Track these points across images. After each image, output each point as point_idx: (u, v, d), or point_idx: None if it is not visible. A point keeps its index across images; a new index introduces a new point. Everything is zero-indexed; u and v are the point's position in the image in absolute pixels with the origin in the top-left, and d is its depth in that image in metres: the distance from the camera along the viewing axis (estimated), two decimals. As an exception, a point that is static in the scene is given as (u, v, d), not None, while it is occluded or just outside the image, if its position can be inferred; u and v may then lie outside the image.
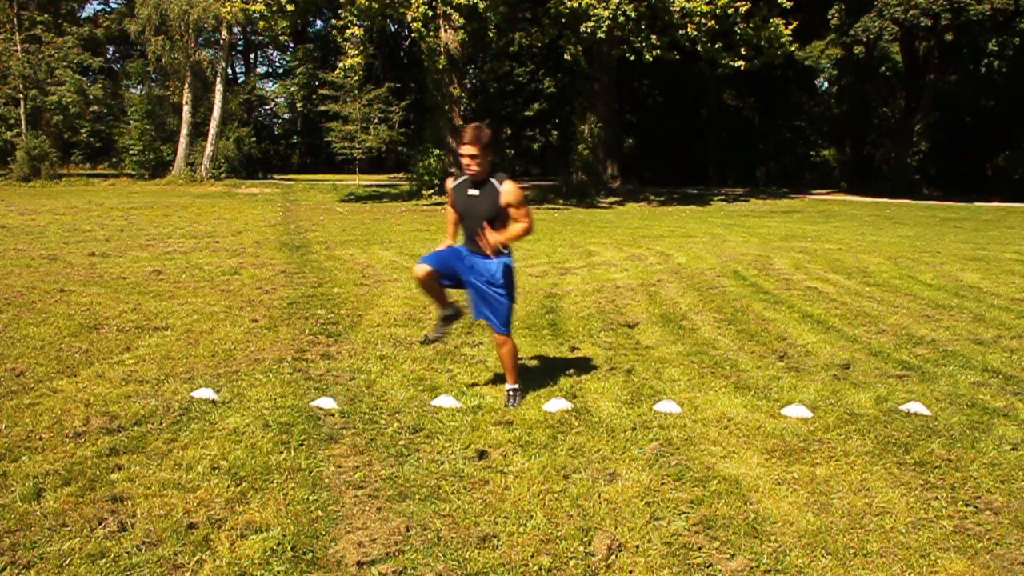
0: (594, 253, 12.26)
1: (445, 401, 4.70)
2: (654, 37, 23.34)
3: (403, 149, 39.93)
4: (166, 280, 9.01)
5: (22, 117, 34.51)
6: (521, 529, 3.19)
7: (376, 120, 36.05)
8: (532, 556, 2.99)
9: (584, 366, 5.63)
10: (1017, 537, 3.21)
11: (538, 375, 5.36)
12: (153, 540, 3.03)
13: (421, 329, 6.72)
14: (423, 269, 4.64)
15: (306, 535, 3.11)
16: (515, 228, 4.62)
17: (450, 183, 4.79)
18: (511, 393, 4.75)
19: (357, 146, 35.41)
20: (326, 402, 4.64)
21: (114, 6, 45.88)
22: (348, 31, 24.52)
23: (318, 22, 47.11)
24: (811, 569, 2.95)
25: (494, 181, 4.54)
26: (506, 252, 4.72)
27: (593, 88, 29.93)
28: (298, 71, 48.47)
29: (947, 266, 11.10)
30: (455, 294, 4.98)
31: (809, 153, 42.45)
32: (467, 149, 4.44)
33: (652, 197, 27.69)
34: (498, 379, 5.23)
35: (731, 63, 24.23)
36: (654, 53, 23.39)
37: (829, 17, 29.19)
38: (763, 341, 6.52)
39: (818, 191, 33.28)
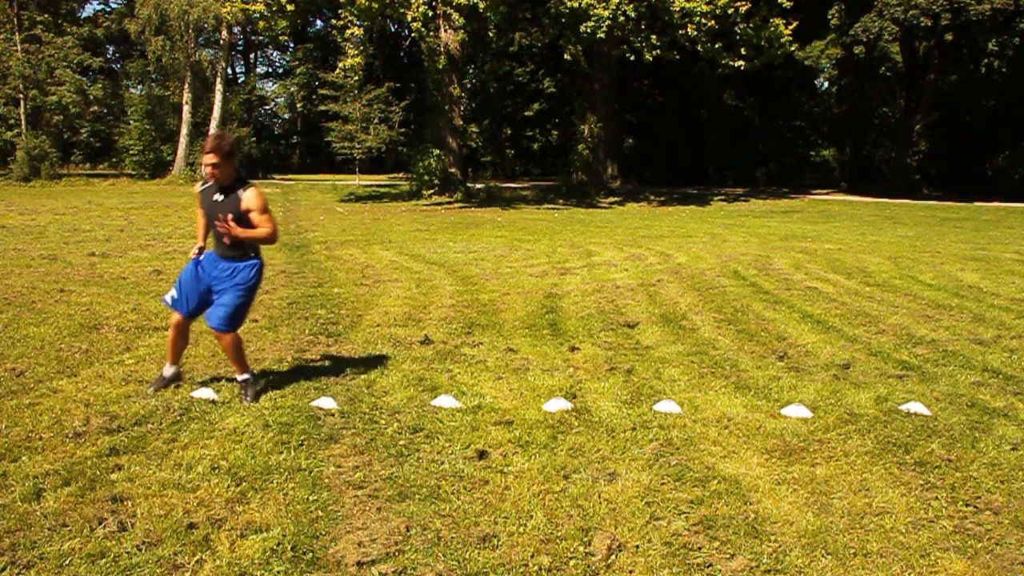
0: (594, 253, 12.26)
1: (445, 401, 4.70)
2: (654, 37, 23.34)
3: (403, 149, 39.96)
4: (166, 280, 9.01)
5: (22, 117, 34.52)
6: (521, 529, 3.19)
7: (376, 120, 36.05)
8: (532, 556, 2.99)
9: (584, 366, 5.63)
10: (1017, 537, 3.21)
11: (538, 375, 5.36)
12: (153, 540, 3.03)
13: (421, 329, 6.72)
14: (175, 318, 4.81)
15: (306, 535, 3.11)
16: (257, 231, 4.69)
17: (198, 187, 4.88)
18: (243, 384, 4.77)
19: (357, 146, 35.41)
20: (326, 402, 4.64)
21: (114, 6, 45.90)
22: (348, 31, 24.51)
23: (318, 22, 47.16)
24: (811, 569, 2.95)
25: (238, 187, 4.67)
26: (255, 255, 4.81)
27: (593, 88, 29.93)
28: (298, 71, 48.48)
29: (947, 266, 11.10)
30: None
31: (809, 153, 42.44)
32: (208, 158, 4.54)
33: (652, 197, 27.69)
34: (499, 378, 5.24)
35: (731, 63, 24.23)
36: (654, 53, 23.39)
37: (829, 17, 29.20)
38: (763, 341, 6.52)
39: (818, 191, 33.28)
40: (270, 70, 55.75)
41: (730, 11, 22.94)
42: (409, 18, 23.23)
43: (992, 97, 32.68)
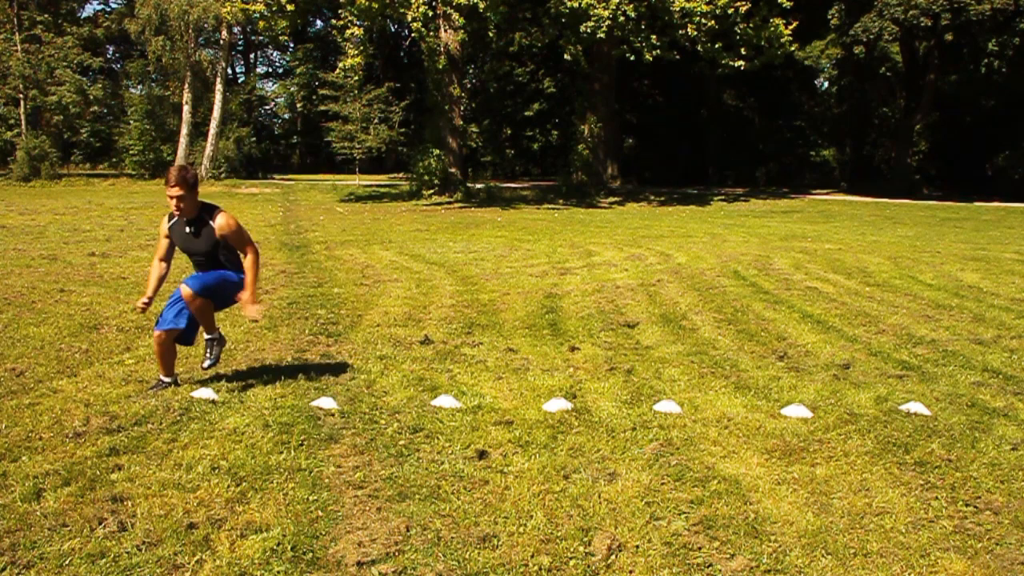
0: (594, 253, 12.26)
1: (445, 401, 4.70)
2: (654, 37, 23.34)
3: (403, 149, 39.96)
4: (166, 280, 8.99)
5: (22, 117, 34.52)
6: (521, 529, 3.19)
7: (376, 120, 36.04)
8: (532, 556, 2.99)
9: (584, 366, 5.63)
10: (1017, 537, 3.21)
11: (538, 375, 5.36)
12: (153, 540, 3.03)
13: (421, 329, 6.72)
14: (159, 336, 4.75)
15: (306, 535, 3.11)
16: (249, 269, 4.74)
17: (165, 223, 4.79)
18: (209, 343, 4.85)
19: (357, 146, 35.40)
20: (326, 402, 4.64)
21: (114, 6, 45.90)
22: (348, 31, 24.52)
23: (318, 22, 47.16)
24: (811, 569, 2.95)
25: (206, 216, 4.64)
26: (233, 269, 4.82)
27: (593, 88, 29.94)
28: (298, 71, 48.48)
29: (947, 266, 11.10)
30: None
31: (809, 153, 42.44)
32: (173, 191, 4.51)
33: (652, 197, 27.70)
34: (499, 378, 5.24)
35: (731, 63, 24.23)
36: (654, 53, 23.40)
37: (829, 17, 29.20)
38: (763, 341, 6.52)
39: (818, 191, 33.28)
40: (270, 70, 55.77)
41: (730, 11, 22.95)
42: (409, 18, 23.24)
43: (992, 97, 32.68)
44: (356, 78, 30.93)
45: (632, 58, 24.43)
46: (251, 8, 25.18)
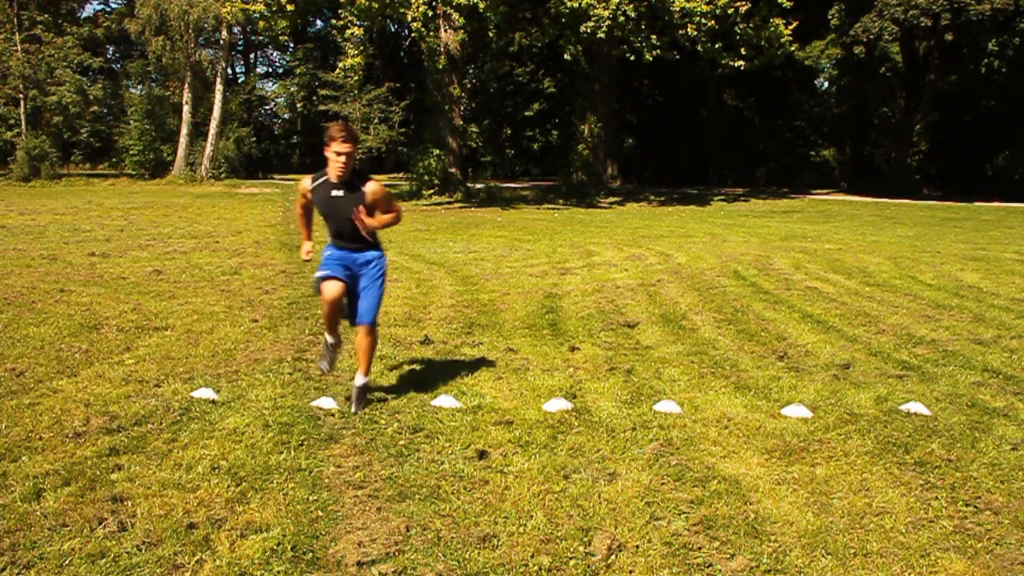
0: (594, 253, 12.26)
1: (445, 401, 4.70)
2: (654, 37, 23.34)
3: (403, 149, 39.97)
4: (166, 280, 9.01)
5: (22, 117, 34.50)
6: (521, 529, 3.19)
7: (376, 120, 36.07)
8: (532, 556, 2.99)
9: (584, 366, 5.63)
10: (1017, 537, 3.21)
11: (538, 375, 5.36)
12: (153, 540, 3.03)
13: (421, 329, 6.72)
14: (336, 286, 4.56)
15: (306, 535, 3.11)
16: (386, 216, 4.61)
17: (307, 183, 4.63)
18: (360, 389, 4.58)
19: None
20: (326, 402, 4.64)
21: (114, 6, 45.89)
22: (348, 31, 24.52)
23: (318, 22, 47.13)
24: (811, 569, 2.95)
25: (358, 181, 4.49)
26: (380, 247, 4.74)
27: (593, 88, 29.94)
28: (298, 71, 48.45)
29: (947, 266, 11.10)
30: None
31: (809, 153, 42.44)
32: (344, 148, 4.32)
33: (652, 197, 27.69)
34: (499, 378, 5.23)
35: (731, 63, 24.23)
36: (654, 53, 23.39)
37: (829, 17, 29.20)
38: (763, 341, 6.52)
39: (818, 191, 33.28)
40: (270, 70, 55.74)
41: (730, 11, 22.95)
42: (409, 18, 23.24)
43: (992, 97, 32.68)
44: (356, 78, 30.96)
45: (632, 58, 24.43)
46: (251, 8, 25.19)
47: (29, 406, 4.50)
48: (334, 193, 4.49)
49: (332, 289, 4.55)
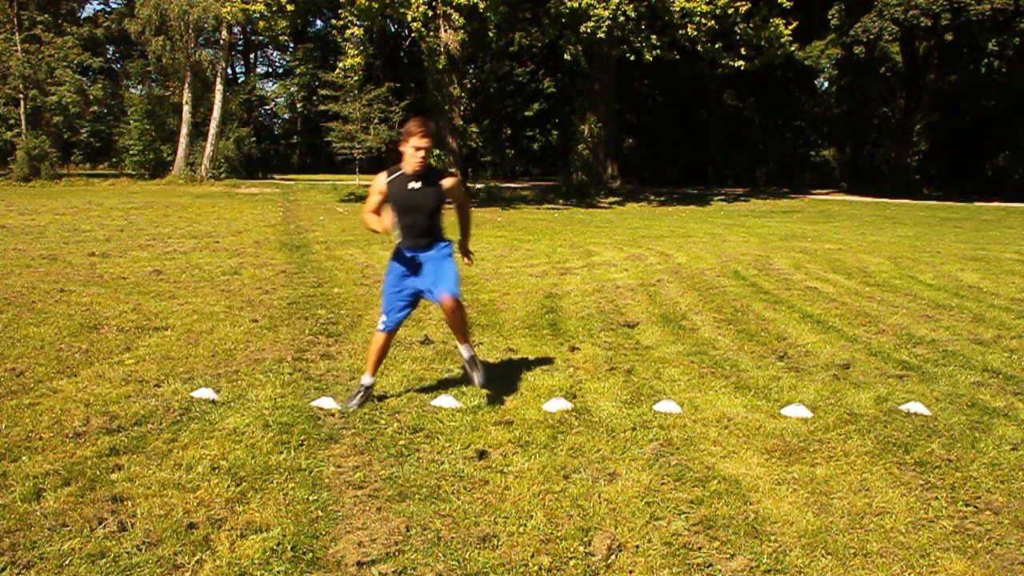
0: (594, 253, 12.26)
1: (445, 401, 4.70)
2: (654, 37, 23.35)
3: (403, 149, 39.86)
4: (166, 280, 9.01)
5: (22, 117, 34.51)
6: (521, 529, 3.19)
7: (376, 120, 36.04)
8: (532, 556, 2.99)
9: (584, 366, 5.63)
10: (1017, 537, 3.21)
11: (538, 375, 5.36)
12: (153, 540, 3.03)
13: (421, 329, 6.72)
14: (382, 337, 4.72)
15: (306, 535, 3.11)
16: (469, 226, 4.99)
17: (383, 179, 4.68)
18: (470, 361, 4.70)
19: (357, 146, 35.40)
20: (326, 402, 4.64)
21: (114, 6, 45.92)
22: (348, 31, 24.53)
23: (318, 22, 47.15)
24: (811, 569, 2.95)
25: (434, 175, 4.58)
26: (447, 240, 4.79)
27: (593, 88, 29.94)
28: (298, 71, 48.47)
29: (947, 266, 11.10)
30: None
31: (809, 153, 42.45)
32: (424, 143, 4.41)
33: (652, 197, 27.69)
34: (499, 379, 5.23)
35: (731, 63, 24.24)
36: (654, 53, 23.40)
37: (829, 17, 29.21)
38: (763, 341, 6.52)
39: (818, 191, 33.29)
40: (270, 70, 55.79)
41: (730, 11, 22.95)
42: (409, 18, 23.24)
43: (992, 97, 32.69)
44: (356, 78, 30.92)
45: (632, 58, 24.43)
46: (251, 8, 25.19)
47: (29, 406, 4.50)
48: (411, 186, 4.55)
49: (379, 338, 4.72)
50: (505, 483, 3.60)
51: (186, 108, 34.33)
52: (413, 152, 4.42)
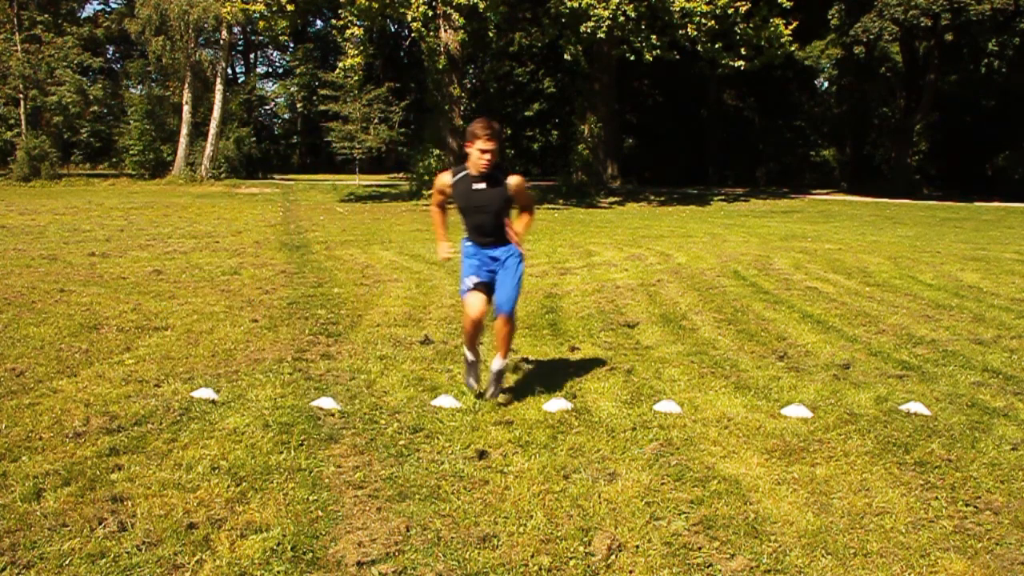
0: (594, 253, 12.26)
1: (445, 401, 4.70)
2: (654, 37, 23.35)
3: (403, 149, 39.98)
4: (166, 280, 9.01)
5: (22, 117, 34.52)
6: (521, 529, 3.19)
7: (376, 120, 36.06)
8: (532, 556, 2.99)
9: (584, 366, 5.63)
10: (1017, 537, 3.21)
11: (538, 375, 5.36)
12: (153, 540, 3.03)
13: (421, 329, 6.71)
14: (480, 305, 4.64)
15: (306, 535, 3.11)
16: (528, 219, 4.83)
17: (447, 178, 4.71)
18: (497, 374, 4.72)
19: (357, 146, 35.41)
20: (326, 402, 4.64)
21: (114, 6, 45.93)
22: (348, 31, 24.53)
23: (318, 22, 47.18)
24: (811, 569, 2.95)
25: (500, 175, 4.56)
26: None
27: (593, 88, 29.93)
28: (298, 71, 48.48)
29: (947, 266, 11.10)
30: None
31: (809, 153, 42.45)
32: (490, 145, 4.41)
33: (652, 197, 27.69)
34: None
35: (731, 63, 24.24)
36: (654, 53, 23.40)
37: (829, 17, 29.20)
38: (763, 341, 6.52)
39: (818, 191, 33.30)
40: (270, 70, 55.80)
41: (730, 11, 22.95)
42: (409, 18, 23.25)
43: (992, 97, 32.69)
44: (356, 78, 30.93)
45: (632, 58, 24.43)
46: (251, 8, 25.19)
47: (29, 406, 4.50)
48: (475, 187, 4.55)
49: (477, 307, 4.65)
50: (505, 483, 3.60)
51: (186, 108, 34.34)
52: (479, 155, 4.44)
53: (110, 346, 5.92)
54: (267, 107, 52.53)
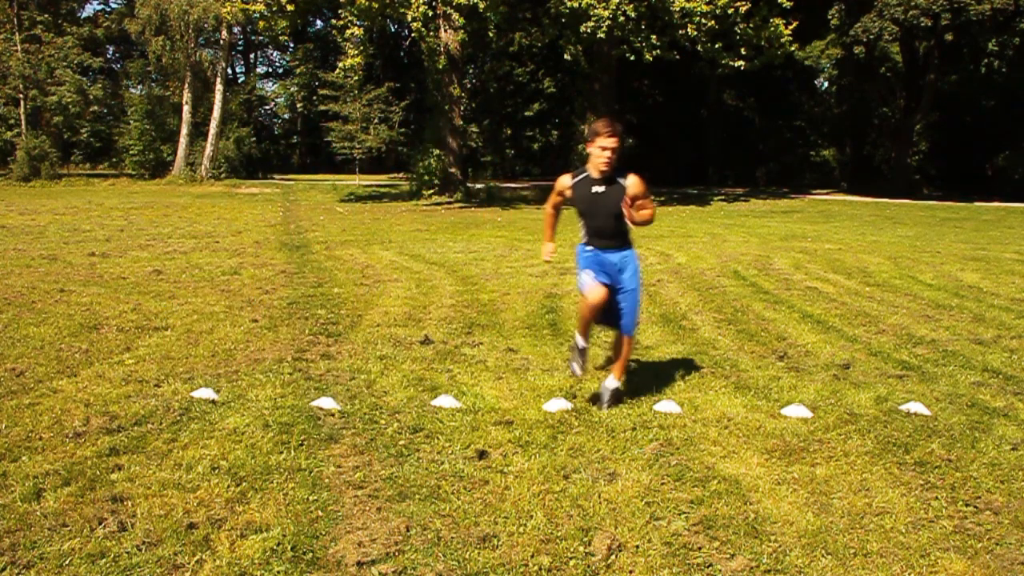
0: (594, 253, 12.23)
1: (445, 401, 4.70)
2: (654, 37, 23.35)
3: (403, 149, 39.98)
4: (166, 280, 9.01)
5: (22, 117, 34.52)
6: (521, 529, 3.19)
7: (376, 120, 36.07)
8: (532, 556, 2.99)
9: (584, 366, 5.62)
10: (1017, 537, 3.21)
11: (538, 375, 5.36)
12: (153, 540, 3.03)
13: (421, 329, 6.72)
14: (602, 291, 4.61)
15: (306, 535, 3.11)
16: (649, 210, 4.62)
17: (567, 180, 4.66)
18: (614, 392, 4.71)
19: (357, 146, 35.41)
20: (326, 402, 4.64)
21: (114, 6, 45.93)
22: (348, 31, 24.52)
23: (318, 22, 47.15)
24: (811, 569, 2.95)
25: (617, 175, 4.51)
26: (632, 246, 4.76)
27: (593, 88, 29.94)
28: (298, 71, 48.50)
29: (947, 266, 11.10)
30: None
31: (809, 153, 42.46)
32: (611, 143, 4.34)
33: (652, 197, 27.68)
34: (499, 378, 5.23)
35: (731, 63, 24.24)
36: (654, 53, 23.40)
37: (829, 17, 29.20)
38: (763, 341, 6.51)
39: (818, 191, 33.30)
40: (270, 70, 55.81)
41: (730, 11, 22.95)
42: (409, 18, 23.24)
43: (992, 97, 32.69)
44: (356, 78, 30.95)
45: (632, 58, 24.43)
46: (251, 8, 25.19)
47: (29, 406, 4.50)
48: (595, 189, 4.52)
49: (598, 293, 4.62)
50: (505, 483, 3.60)
51: (186, 108, 34.34)
52: (599, 152, 4.38)
53: (110, 346, 5.92)
54: (267, 107, 52.57)
